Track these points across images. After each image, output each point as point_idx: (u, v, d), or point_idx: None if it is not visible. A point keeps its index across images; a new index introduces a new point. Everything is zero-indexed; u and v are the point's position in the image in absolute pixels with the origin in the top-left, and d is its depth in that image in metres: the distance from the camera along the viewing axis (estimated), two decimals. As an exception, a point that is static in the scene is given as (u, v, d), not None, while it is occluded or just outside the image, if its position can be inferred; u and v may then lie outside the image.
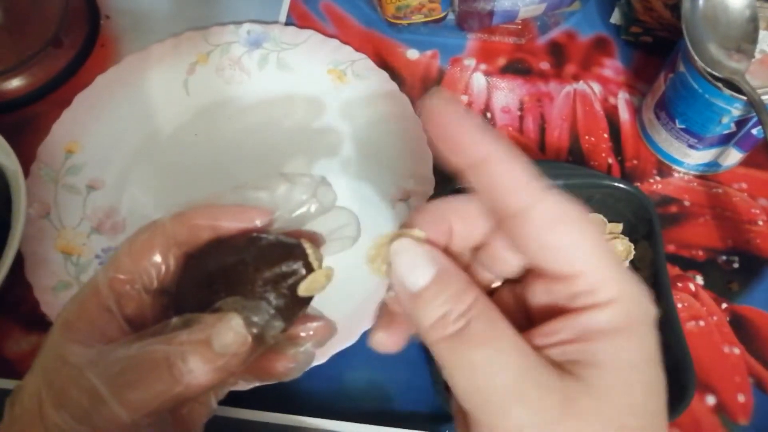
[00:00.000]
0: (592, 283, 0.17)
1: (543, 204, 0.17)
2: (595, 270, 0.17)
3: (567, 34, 0.52)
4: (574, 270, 0.18)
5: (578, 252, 0.17)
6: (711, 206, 0.46)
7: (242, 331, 0.21)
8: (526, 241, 0.18)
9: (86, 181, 0.45)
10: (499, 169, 0.18)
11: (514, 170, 0.18)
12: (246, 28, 0.50)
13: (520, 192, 0.18)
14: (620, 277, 0.18)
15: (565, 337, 0.18)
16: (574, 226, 0.17)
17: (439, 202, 0.20)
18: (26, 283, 0.41)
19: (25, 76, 0.49)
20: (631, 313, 0.17)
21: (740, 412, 0.40)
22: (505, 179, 0.18)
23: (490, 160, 0.18)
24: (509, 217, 0.18)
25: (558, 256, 0.18)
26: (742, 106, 0.39)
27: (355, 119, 0.48)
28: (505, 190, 0.18)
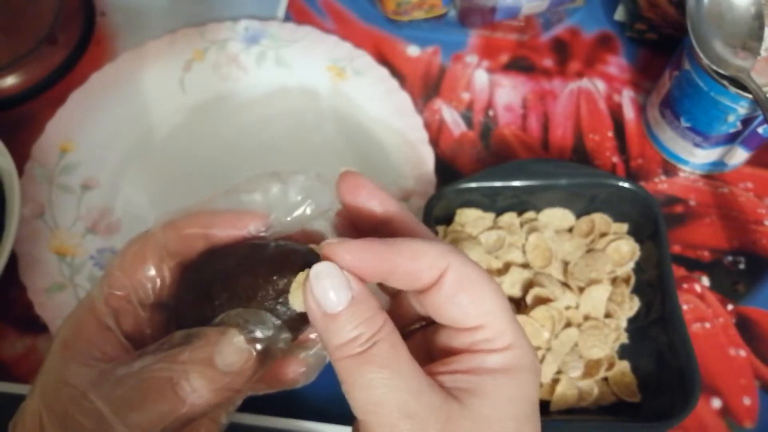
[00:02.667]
0: (490, 335, 0.21)
1: (451, 270, 0.21)
2: (494, 324, 0.21)
3: (570, 31, 0.51)
4: (478, 323, 0.21)
5: (481, 309, 0.21)
6: (717, 206, 0.45)
7: (245, 347, 0.21)
8: (441, 303, 0.21)
9: (81, 181, 0.45)
10: (410, 265, 0.21)
11: (424, 257, 0.21)
12: (243, 25, 0.50)
13: (431, 270, 0.21)
14: (514, 330, 0.21)
15: (459, 367, 0.21)
16: (477, 286, 0.21)
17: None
18: (20, 285, 0.41)
19: (19, 73, 0.49)
20: (519, 360, 0.21)
21: (746, 415, 0.39)
22: (417, 269, 0.21)
23: (400, 265, 0.20)
24: (423, 294, 0.21)
25: (464, 315, 0.21)
26: (748, 104, 0.39)
27: (354, 117, 0.47)
28: (419, 275, 0.21)
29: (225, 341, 0.21)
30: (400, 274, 0.21)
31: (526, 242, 0.40)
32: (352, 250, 0.20)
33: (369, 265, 0.20)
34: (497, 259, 0.40)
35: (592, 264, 0.39)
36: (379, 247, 0.20)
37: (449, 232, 0.41)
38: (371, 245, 0.20)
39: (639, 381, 0.38)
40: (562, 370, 0.37)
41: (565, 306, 0.38)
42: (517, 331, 0.21)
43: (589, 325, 0.37)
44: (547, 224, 0.41)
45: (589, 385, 0.37)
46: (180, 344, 0.21)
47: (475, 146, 0.47)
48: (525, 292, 0.38)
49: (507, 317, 0.21)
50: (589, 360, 0.37)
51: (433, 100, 0.49)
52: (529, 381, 0.21)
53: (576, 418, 0.37)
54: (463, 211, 0.41)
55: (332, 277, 0.20)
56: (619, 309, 0.38)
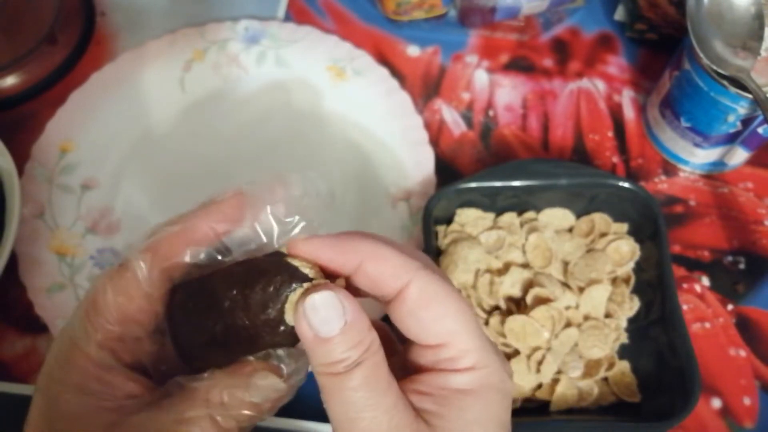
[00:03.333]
0: (454, 353, 0.21)
1: (414, 286, 0.21)
2: (458, 342, 0.21)
3: (571, 31, 0.51)
4: (440, 341, 0.21)
5: (443, 327, 0.21)
6: (717, 206, 0.45)
7: (281, 386, 0.22)
8: (403, 318, 0.21)
9: (81, 181, 0.45)
10: (372, 267, 0.21)
11: (384, 264, 0.21)
12: (243, 25, 0.50)
13: (392, 279, 0.21)
14: (480, 349, 0.21)
15: (424, 388, 0.21)
16: (441, 303, 0.21)
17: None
18: (20, 285, 0.41)
19: (19, 73, 0.49)
20: (483, 380, 0.21)
21: (746, 415, 0.39)
22: (377, 273, 0.21)
23: (364, 262, 0.21)
24: (389, 304, 0.21)
25: (427, 330, 0.21)
26: (748, 104, 0.39)
27: (354, 117, 0.47)
28: (380, 281, 0.21)
29: (260, 383, 0.21)
30: (362, 276, 0.21)
31: (526, 242, 0.40)
32: (316, 247, 0.21)
33: (333, 262, 0.21)
34: (497, 259, 0.40)
35: (592, 264, 0.39)
36: (343, 245, 0.21)
37: (449, 232, 0.41)
38: (334, 242, 0.21)
39: (639, 381, 0.38)
40: (562, 370, 0.37)
41: (565, 306, 0.38)
42: (483, 350, 0.21)
43: (589, 325, 0.37)
44: (547, 224, 0.41)
45: (589, 385, 0.37)
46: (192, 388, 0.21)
47: (475, 146, 0.47)
48: (525, 292, 0.38)
49: (472, 335, 0.21)
50: (589, 360, 0.37)
51: (433, 100, 0.49)
52: (497, 401, 0.21)
53: (576, 418, 0.37)
54: (463, 211, 0.41)
55: (328, 307, 0.20)
56: (619, 309, 0.38)
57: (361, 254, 0.21)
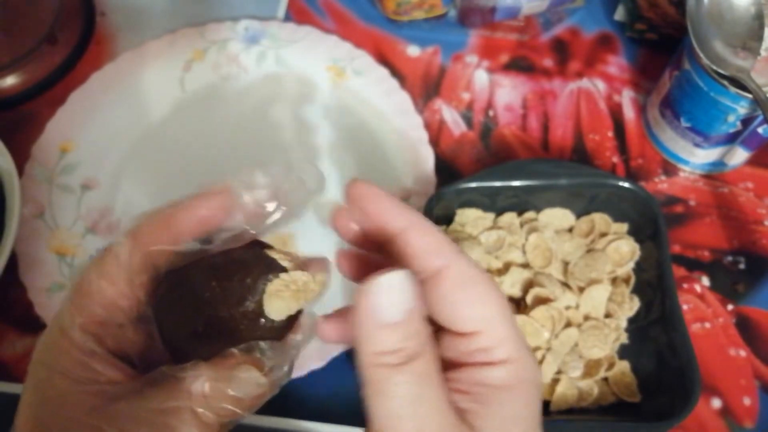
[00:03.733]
0: (489, 343, 0.20)
1: (455, 266, 0.20)
2: (493, 331, 0.20)
3: (570, 31, 0.51)
4: (474, 329, 0.20)
5: (479, 313, 0.20)
6: (717, 206, 0.45)
7: (263, 381, 0.21)
8: (438, 300, 0.20)
9: (81, 181, 0.45)
10: (415, 237, 0.21)
11: (429, 237, 0.21)
12: (243, 25, 0.50)
13: (435, 255, 0.21)
14: (514, 340, 0.20)
15: (461, 386, 0.20)
16: (478, 288, 0.20)
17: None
18: (20, 285, 0.41)
19: (19, 73, 0.49)
20: (519, 373, 0.20)
21: (746, 415, 0.39)
22: (421, 245, 0.21)
23: (408, 229, 0.21)
24: (426, 280, 0.21)
25: (462, 315, 0.20)
26: (748, 104, 0.39)
27: (354, 117, 0.47)
28: (422, 254, 0.21)
29: (242, 376, 0.21)
30: (402, 245, 0.21)
31: (526, 242, 0.40)
32: (372, 194, 0.21)
33: (381, 215, 0.21)
34: (497, 259, 0.40)
35: (592, 264, 0.39)
36: (396, 203, 0.21)
37: (449, 232, 0.41)
38: (389, 197, 0.21)
39: (639, 381, 0.38)
40: (562, 370, 0.37)
41: (565, 306, 0.38)
42: (517, 341, 0.20)
43: (589, 325, 0.37)
44: (547, 224, 0.41)
45: (589, 385, 0.37)
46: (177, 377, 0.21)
47: (475, 146, 0.47)
48: (525, 292, 0.38)
49: (507, 325, 0.20)
50: (589, 360, 0.37)
51: (433, 100, 0.49)
52: (533, 396, 0.21)
53: (576, 418, 0.37)
54: (463, 211, 0.41)
55: (397, 290, 0.19)
56: (619, 309, 0.38)
57: (408, 220, 0.21)
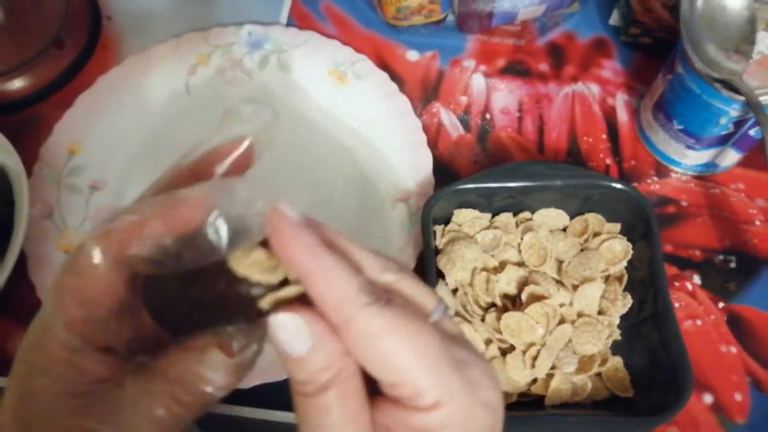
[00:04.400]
0: (411, 393, 0.19)
1: (355, 323, 0.19)
2: (412, 382, 0.19)
3: (566, 36, 0.52)
4: (393, 381, 0.19)
5: (391, 367, 0.19)
6: (708, 206, 0.46)
7: (232, 363, 0.21)
8: (354, 353, 0.20)
9: (89, 182, 0.46)
10: (315, 287, 0.19)
11: (330, 290, 0.19)
12: (247, 29, 0.51)
13: (333, 311, 0.19)
14: (441, 384, 0.19)
15: (390, 423, 0.20)
16: (386, 341, 0.19)
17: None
18: (29, 283, 0.42)
19: (27, 76, 0.49)
20: (453, 416, 0.19)
21: (737, 411, 0.40)
22: (320, 298, 0.19)
23: (309, 277, 0.19)
24: (338, 329, 0.19)
25: (377, 369, 0.19)
26: (740, 107, 0.39)
27: (355, 120, 0.48)
28: (322, 306, 0.19)
29: (210, 358, 0.21)
30: (308, 289, 0.20)
31: (522, 241, 0.41)
32: (285, 233, 0.19)
33: (287, 257, 0.19)
34: (493, 258, 0.40)
35: (586, 262, 0.39)
36: (306, 248, 0.19)
37: (447, 232, 0.42)
38: (301, 241, 0.19)
39: (632, 377, 0.39)
40: (557, 366, 0.37)
41: (559, 303, 0.39)
42: (446, 384, 0.19)
43: (583, 321, 0.38)
44: (542, 224, 0.42)
45: (583, 380, 0.38)
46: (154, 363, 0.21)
47: (473, 148, 0.48)
48: (520, 290, 0.39)
49: (429, 372, 0.19)
50: (583, 356, 0.38)
51: (432, 104, 0.50)
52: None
53: (570, 412, 0.37)
54: (461, 211, 0.42)
55: (292, 329, 0.19)
56: (612, 306, 0.39)
57: (310, 267, 0.19)
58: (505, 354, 0.38)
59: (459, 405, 0.19)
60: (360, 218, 0.45)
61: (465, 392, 0.20)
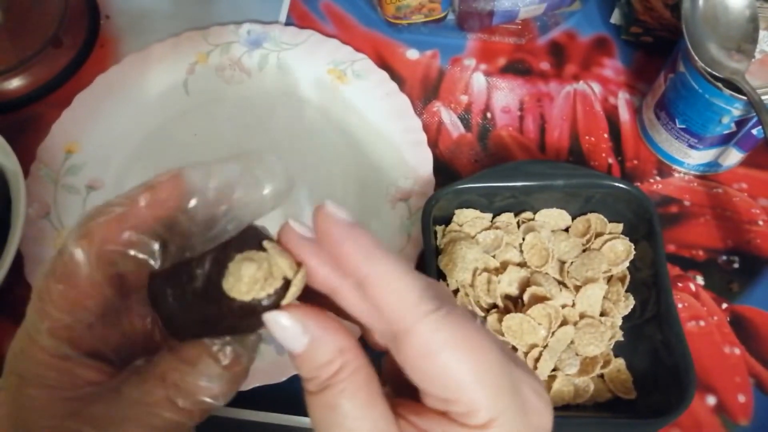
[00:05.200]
0: (469, 407, 0.18)
1: (416, 334, 0.18)
2: (469, 397, 0.18)
3: (567, 34, 0.52)
4: (447, 396, 0.19)
5: (452, 379, 0.18)
6: (711, 206, 0.46)
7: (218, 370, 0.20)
8: (406, 365, 0.19)
9: (86, 182, 0.45)
10: (375, 292, 0.18)
11: (390, 296, 0.18)
12: (246, 28, 0.51)
13: (393, 320, 0.18)
14: (495, 399, 0.18)
15: (432, 429, 0.19)
16: (444, 356, 0.18)
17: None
18: (26, 284, 0.42)
19: (24, 76, 0.49)
20: (509, 430, 0.19)
21: (740, 413, 0.40)
22: (379, 304, 0.18)
23: (368, 280, 0.18)
24: (391, 340, 0.19)
25: (432, 383, 0.19)
26: (743, 106, 0.39)
27: (355, 119, 0.48)
28: (383, 312, 0.18)
29: (201, 368, 0.20)
30: (365, 293, 0.19)
31: (523, 242, 0.40)
32: (304, 243, 0.19)
33: (341, 260, 0.19)
34: (495, 259, 0.40)
35: (588, 263, 0.39)
36: (363, 249, 0.18)
37: (447, 232, 0.41)
38: (358, 243, 0.18)
39: (634, 378, 0.38)
40: (559, 367, 0.37)
41: (561, 304, 0.38)
42: (503, 405, 0.18)
43: (585, 323, 0.38)
44: (544, 224, 0.41)
45: (585, 381, 0.38)
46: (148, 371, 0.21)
47: (473, 148, 0.48)
48: (522, 291, 0.39)
49: (486, 388, 0.18)
50: (585, 357, 0.38)
51: (432, 103, 0.49)
52: None
53: (572, 414, 0.37)
54: (462, 211, 0.42)
55: (284, 329, 0.19)
56: (614, 307, 0.39)
57: (369, 270, 0.18)
58: (507, 355, 0.38)
59: (510, 428, 0.19)
60: (360, 218, 0.44)
61: (518, 415, 0.19)
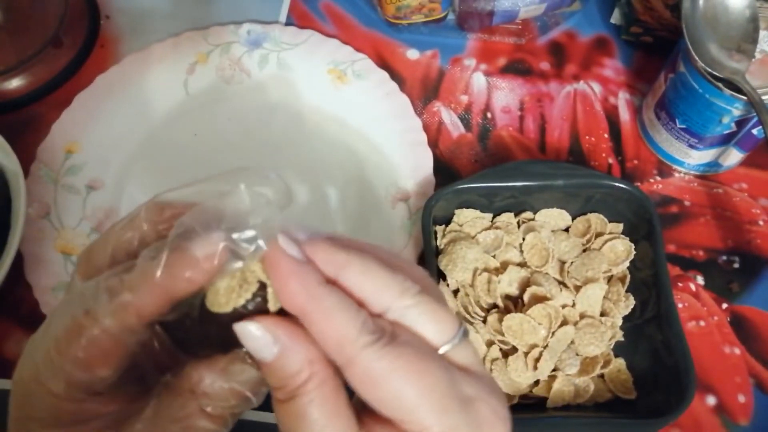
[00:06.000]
0: (420, 426, 0.19)
1: (358, 362, 0.19)
2: (419, 415, 0.19)
3: (567, 34, 0.52)
4: (401, 417, 0.19)
5: (400, 404, 0.19)
6: (711, 206, 0.46)
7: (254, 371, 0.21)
8: (356, 390, 0.20)
9: (86, 181, 0.45)
10: (317, 327, 0.19)
11: (330, 329, 0.19)
12: (246, 28, 0.51)
13: (337, 350, 0.19)
14: (447, 415, 0.19)
15: None
16: (393, 379, 0.19)
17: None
18: (26, 284, 0.42)
19: (25, 76, 0.49)
20: None
21: (740, 413, 0.40)
22: (322, 337, 0.19)
23: (310, 318, 0.19)
24: (340, 367, 0.20)
25: (382, 407, 0.19)
26: (743, 106, 0.39)
27: (355, 119, 0.48)
28: (325, 345, 0.19)
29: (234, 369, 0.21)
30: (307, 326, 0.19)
31: (523, 242, 0.40)
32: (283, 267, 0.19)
33: (283, 292, 0.19)
34: (495, 259, 0.40)
35: (588, 263, 0.39)
36: (305, 284, 0.19)
37: (448, 232, 0.41)
38: (303, 276, 0.19)
39: (635, 378, 0.38)
40: (559, 368, 0.37)
41: (561, 304, 0.38)
42: (452, 423, 0.19)
43: (586, 323, 0.38)
44: (544, 224, 0.41)
45: (586, 382, 0.38)
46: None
47: (473, 148, 0.48)
48: (522, 291, 0.39)
49: (433, 406, 0.19)
50: (586, 357, 0.38)
51: (432, 103, 0.49)
52: None
53: (573, 414, 0.37)
54: (462, 211, 0.42)
55: (254, 338, 0.20)
56: (614, 307, 0.39)
57: (309, 306, 0.19)
58: (507, 356, 0.38)
59: None
60: (360, 218, 0.44)
61: (470, 430, 0.20)
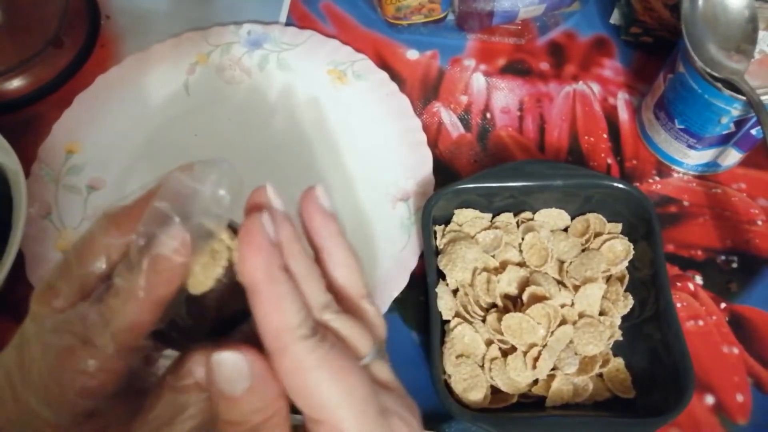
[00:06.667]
0: (335, 428, 0.19)
1: (291, 350, 0.19)
2: (337, 414, 0.19)
3: (566, 35, 0.52)
4: (318, 417, 0.20)
5: (321, 401, 0.19)
6: (710, 206, 0.46)
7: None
8: (283, 380, 0.20)
9: (87, 181, 0.46)
10: (264, 309, 0.19)
11: (276, 313, 0.19)
12: (246, 29, 0.51)
13: (275, 335, 0.19)
14: (364, 420, 0.20)
15: None
16: (320, 372, 0.19)
17: None
18: (27, 283, 0.42)
19: (25, 76, 0.49)
20: None
21: (739, 412, 0.40)
22: (266, 319, 0.19)
23: (261, 298, 0.19)
24: (270, 354, 0.20)
25: (303, 402, 0.20)
26: (742, 106, 0.39)
27: (355, 119, 0.48)
28: (264, 328, 0.19)
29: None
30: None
31: (523, 242, 0.41)
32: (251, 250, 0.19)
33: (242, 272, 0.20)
34: (494, 258, 0.40)
35: (587, 263, 0.39)
36: (257, 271, 0.19)
37: (447, 232, 0.41)
38: (257, 255, 0.19)
39: (633, 377, 0.38)
40: (558, 367, 0.37)
41: (560, 304, 0.38)
42: (366, 424, 0.20)
43: (584, 322, 0.38)
44: (543, 224, 0.42)
45: (584, 381, 0.38)
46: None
47: (473, 148, 0.48)
48: (521, 291, 0.39)
49: (353, 408, 0.19)
50: (584, 356, 0.38)
51: (432, 103, 0.49)
52: None
53: (571, 413, 0.37)
54: (461, 211, 0.42)
55: (232, 368, 0.19)
56: (613, 307, 0.39)
57: (262, 286, 0.19)
58: (506, 355, 0.38)
59: None
60: (360, 218, 0.44)
61: (394, 425, 0.20)
